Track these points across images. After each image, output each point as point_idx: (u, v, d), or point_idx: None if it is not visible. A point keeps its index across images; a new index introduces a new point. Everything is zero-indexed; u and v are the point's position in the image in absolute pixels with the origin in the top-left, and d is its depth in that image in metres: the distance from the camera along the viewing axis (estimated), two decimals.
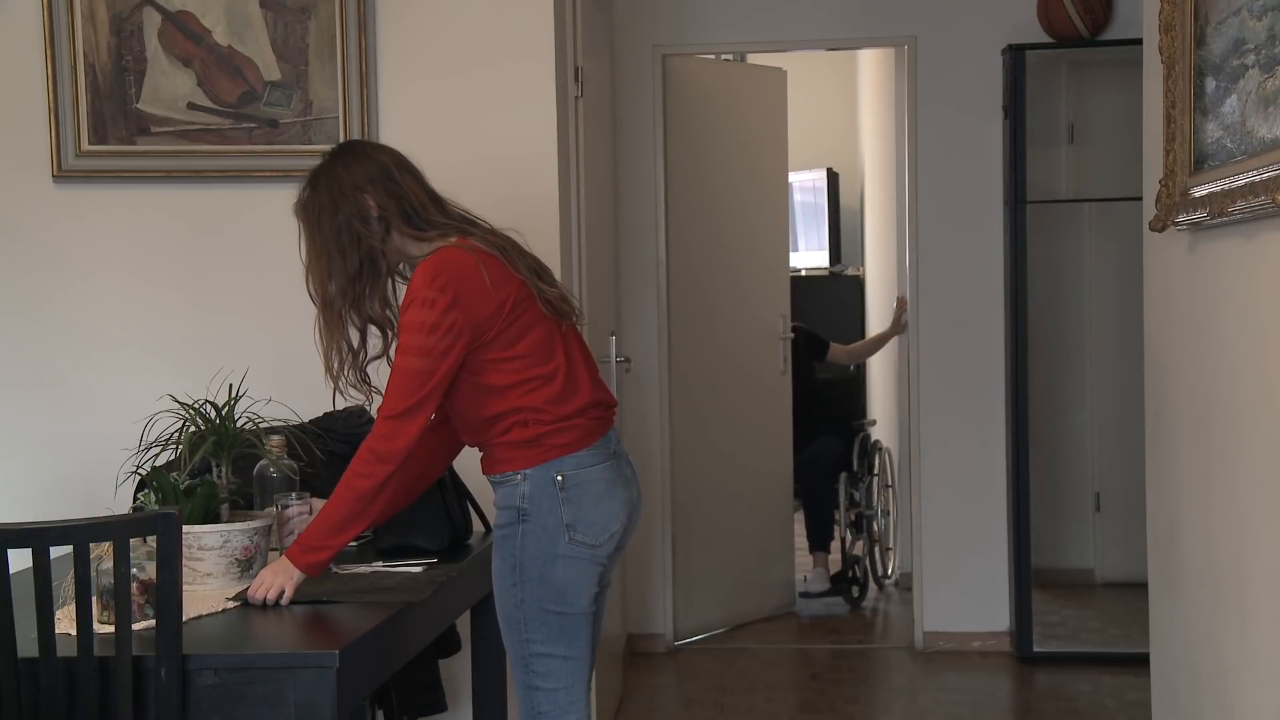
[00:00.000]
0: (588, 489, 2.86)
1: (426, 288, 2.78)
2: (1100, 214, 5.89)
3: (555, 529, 2.84)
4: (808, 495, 6.72)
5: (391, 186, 2.90)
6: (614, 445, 2.96)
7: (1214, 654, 3.25)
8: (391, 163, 2.95)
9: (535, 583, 2.85)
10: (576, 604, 2.88)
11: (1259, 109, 2.81)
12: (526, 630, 2.87)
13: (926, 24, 5.70)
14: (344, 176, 2.90)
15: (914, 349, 5.81)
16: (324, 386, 3.02)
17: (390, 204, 2.89)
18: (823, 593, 6.60)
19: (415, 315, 2.78)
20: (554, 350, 2.89)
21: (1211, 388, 3.24)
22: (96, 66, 3.98)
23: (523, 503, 2.86)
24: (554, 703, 2.89)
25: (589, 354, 3.02)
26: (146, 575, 2.65)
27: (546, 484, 2.84)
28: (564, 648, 2.88)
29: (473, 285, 2.81)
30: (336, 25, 3.96)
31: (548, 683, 2.88)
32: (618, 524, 2.90)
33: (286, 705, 2.45)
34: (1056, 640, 5.62)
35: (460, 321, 2.78)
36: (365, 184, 2.89)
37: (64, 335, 4.08)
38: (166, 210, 4.06)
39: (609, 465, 2.91)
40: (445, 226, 2.92)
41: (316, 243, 2.91)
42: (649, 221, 5.83)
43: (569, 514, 2.84)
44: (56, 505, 3.77)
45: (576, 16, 4.32)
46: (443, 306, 2.77)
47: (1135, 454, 4.23)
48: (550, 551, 2.84)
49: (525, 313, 2.86)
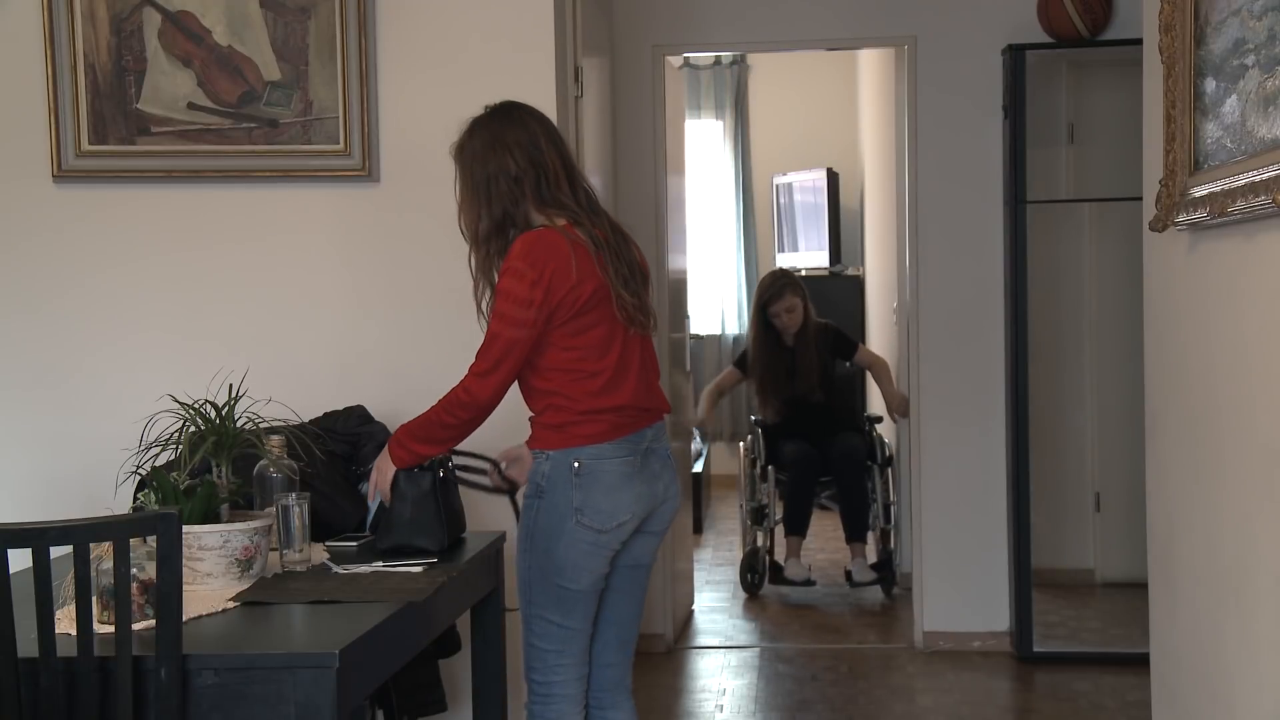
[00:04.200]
0: (601, 478, 3.07)
1: (520, 259, 3.02)
2: (1100, 214, 5.89)
3: (565, 510, 3.06)
4: (843, 488, 6.75)
5: (535, 154, 3.11)
6: (646, 443, 3.15)
7: (1214, 654, 3.25)
8: (541, 131, 3.15)
9: (541, 554, 3.09)
10: (577, 581, 3.10)
11: (1259, 109, 2.81)
12: (531, 593, 3.13)
13: (926, 24, 5.69)
14: (498, 133, 3.12)
15: (914, 349, 5.81)
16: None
17: (529, 170, 3.10)
18: (871, 581, 6.64)
19: (507, 284, 3.02)
20: (609, 351, 3.10)
21: (1211, 388, 3.24)
22: (96, 66, 3.98)
23: (542, 480, 3.09)
24: (544, 661, 3.15)
25: (649, 362, 3.22)
26: (146, 575, 2.65)
27: (564, 468, 3.07)
28: (560, 616, 3.12)
29: (560, 269, 3.02)
30: (336, 25, 3.96)
31: (542, 643, 3.15)
32: (627, 514, 3.10)
33: (286, 705, 2.45)
34: (1056, 640, 5.62)
35: (542, 299, 3.00)
36: (514, 145, 3.10)
37: (64, 335, 4.08)
38: (166, 210, 4.06)
39: (629, 460, 3.10)
40: (565, 207, 3.12)
41: (469, 186, 3.15)
42: (649, 221, 5.83)
43: (579, 498, 3.06)
44: (56, 505, 3.77)
45: (576, 16, 4.32)
46: (531, 280, 3.00)
47: (1135, 454, 4.23)
48: (558, 529, 3.07)
49: (595, 308, 3.07)
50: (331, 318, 4.07)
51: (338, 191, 4.04)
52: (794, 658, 5.74)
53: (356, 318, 4.07)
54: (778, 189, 9.66)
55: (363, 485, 3.65)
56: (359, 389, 3.93)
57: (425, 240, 4.01)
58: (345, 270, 4.06)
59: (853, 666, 5.59)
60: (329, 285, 4.07)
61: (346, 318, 4.07)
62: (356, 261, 4.06)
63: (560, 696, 3.16)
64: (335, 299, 4.07)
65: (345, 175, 4.00)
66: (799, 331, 6.66)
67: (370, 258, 4.04)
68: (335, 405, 3.84)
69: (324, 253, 4.07)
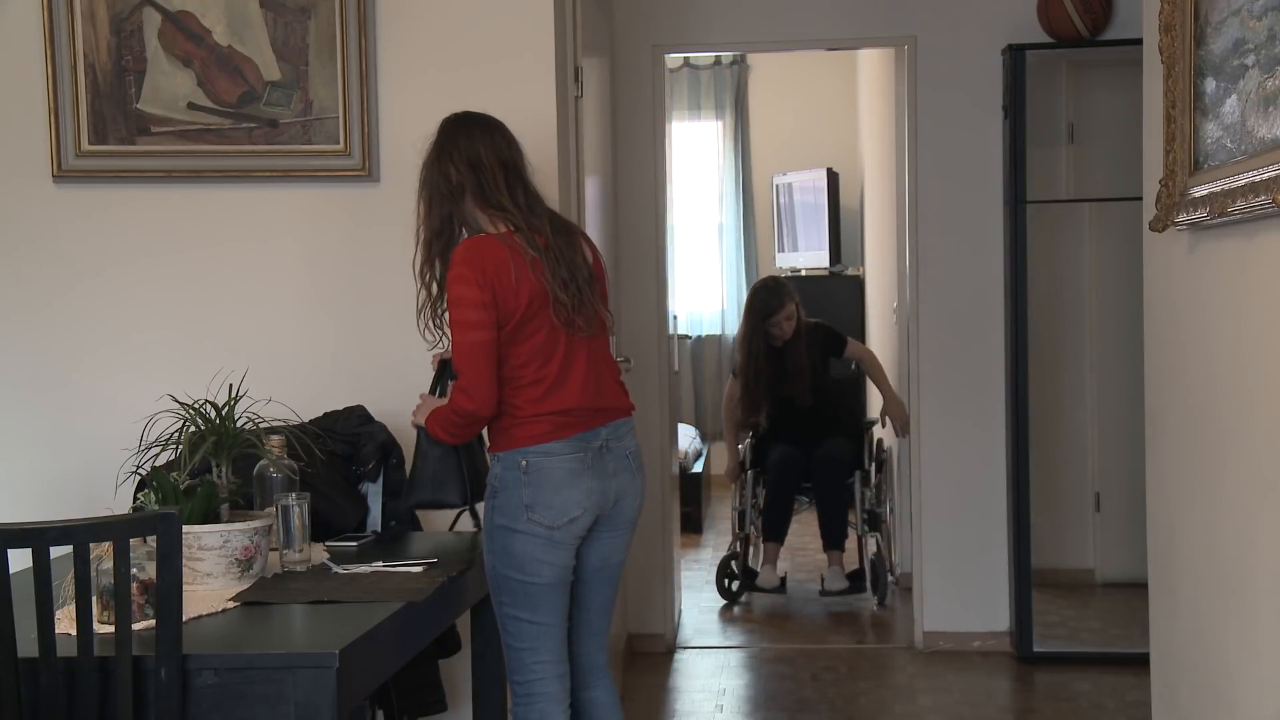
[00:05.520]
0: (549, 474, 3.15)
1: (461, 264, 3.13)
2: (1100, 214, 5.90)
3: (517, 508, 3.15)
4: (821, 494, 6.67)
5: (474, 159, 3.22)
6: (600, 441, 3.21)
7: (1214, 654, 3.25)
8: (483, 137, 3.25)
9: (501, 553, 3.18)
10: (538, 575, 3.17)
11: (1259, 109, 2.81)
12: (499, 594, 3.22)
13: (926, 24, 5.69)
14: (443, 143, 3.26)
15: (914, 349, 5.81)
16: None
17: (469, 175, 3.21)
18: (842, 591, 6.55)
19: (455, 291, 3.12)
20: (551, 358, 3.17)
21: (1211, 388, 3.24)
22: (96, 66, 3.98)
23: (495, 481, 3.20)
24: (521, 661, 3.22)
25: (601, 364, 3.27)
26: (146, 575, 2.66)
27: (513, 467, 3.16)
28: (529, 613, 3.18)
29: (500, 273, 3.11)
30: (336, 25, 3.96)
31: (517, 642, 3.22)
32: (578, 509, 3.17)
33: (286, 705, 2.45)
34: (1056, 640, 5.62)
35: (491, 298, 3.10)
36: (454, 152, 3.23)
37: (64, 335, 4.08)
38: (166, 210, 4.06)
39: (578, 457, 3.17)
40: (505, 210, 3.20)
41: (420, 195, 3.30)
42: (649, 221, 5.83)
43: (529, 495, 3.15)
44: (56, 505, 3.77)
45: (576, 16, 4.32)
46: (476, 282, 3.10)
47: (1135, 454, 4.23)
48: (511, 526, 3.16)
49: (534, 316, 3.14)
50: (331, 318, 4.07)
51: (338, 191, 4.04)
52: (794, 658, 5.74)
53: (356, 318, 4.06)
54: (778, 189, 9.67)
55: (363, 485, 3.65)
56: (359, 389, 3.93)
57: None
58: (345, 270, 4.06)
59: (853, 666, 5.59)
60: (329, 285, 4.07)
61: (346, 318, 4.06)
62: (356, 261, 4.05)
63: (541, 695, 3.22)
64: (335, 299, 4.07)
65: (345, 175, 4.00)
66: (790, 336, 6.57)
67: (370, 258, 4.03)
68: (335, 405, 3.83)
69: (324, 253, 4.07)
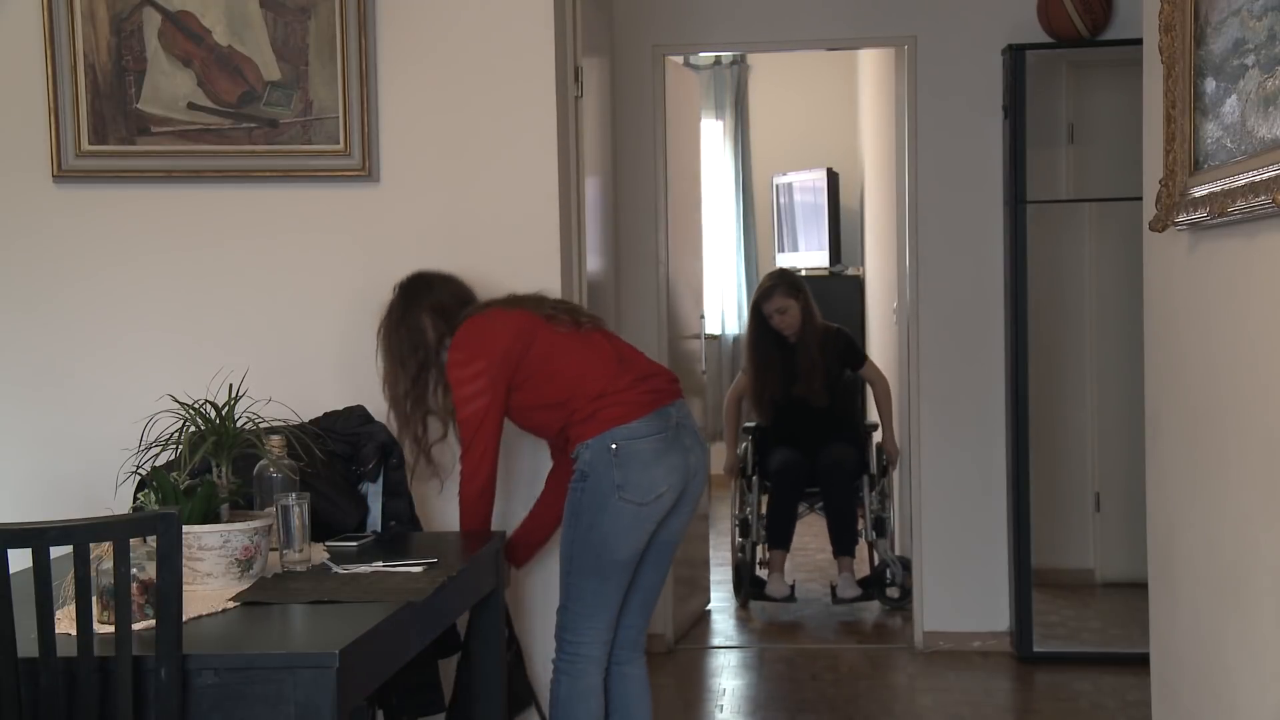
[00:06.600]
0: (638, 455, 3.44)
1: (455, 350, 3.54)
2: (1100, 214, 5.90)
3: (608, 489, 3.44)
4: (830, 501, 6.57)
5: (444, 309, 3.62)
6: (675, 419, 3.52)
7: (1214, 654, 3.25)
8: (446, 293, 3.66)
9: (586, 530, 3.46)
10: (618, 552, 3.47)
11: (1259, 109, 2.81)
12: (572, 564, 3.50)
13: (926, 24, 5.69)
14: (405, 304, 3.64)
15: (914, 349, 5.81)
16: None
17: (442, 323, 3.62)
18: (855, 599, 6.46)
19: (453, 374, 3.51)
20: (570, 356, 3.52)
21: (1211, 388, 3.24)
22: (96, 66, 3.98)
23: (585, 467, 3.47)
24: (575, 623, 3.51)
25: (620, 345, 3.64)
26: (146, 575, 2.65)
27: (603, 451, 3.45)
28: (599, 584, 3.49)
29: (486, 332, 3.50)
30: (336, 25, 3.96)
31: (577, 606, 3.51)
32: (664, 485, 3.47)
33: (286, 705, 2.45)
34: (1056, 640, 5.62)
35: (485, 365, 3.47)
36: (422, 311, 3.62)
37: (64, 335, 4.08)
38: (166, 210, 4.06)
39: (661, 436, 3.48)
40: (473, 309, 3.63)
41: (386, 357, 3.65)
42: (649, 221, 5.83)
43: (620, 476, 3.44)
44: (56, 505, 3.77)
45: (576, 16, 4.32)
46: (464, 361, 3.49)
47: (1135, 454, 4.23)
48: (602, 506, 3.44)
49: (539, 337, 3.51)
50: (331, 318, 4.07)
51: (338, 191, 4.04)
52: (794, 658, 5.74)
53: (356, 318, 4.06)
54: (778, 189, 9.67)
55: (363, 485, 3.66)
56: (359, 389, 3.93)
57: (425, 240, 4.01)
58: (345, 270, 4.06)
59: (853, 666, 5.59)
60: (329, 285, 4.07)
61: (346, 318, 4.06)
62: (356, 261, 4.05)
63: (585, 658, 3.52)
64: (335, 299, 4.07)
65: (345, 175, 4.00)
66: (800, 333, 6.50)
67: (370, 258, 4.03)
68: (335, 405, 3.84)
69: (324, 253, 4.07)
